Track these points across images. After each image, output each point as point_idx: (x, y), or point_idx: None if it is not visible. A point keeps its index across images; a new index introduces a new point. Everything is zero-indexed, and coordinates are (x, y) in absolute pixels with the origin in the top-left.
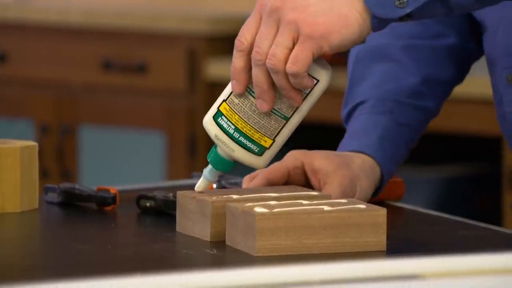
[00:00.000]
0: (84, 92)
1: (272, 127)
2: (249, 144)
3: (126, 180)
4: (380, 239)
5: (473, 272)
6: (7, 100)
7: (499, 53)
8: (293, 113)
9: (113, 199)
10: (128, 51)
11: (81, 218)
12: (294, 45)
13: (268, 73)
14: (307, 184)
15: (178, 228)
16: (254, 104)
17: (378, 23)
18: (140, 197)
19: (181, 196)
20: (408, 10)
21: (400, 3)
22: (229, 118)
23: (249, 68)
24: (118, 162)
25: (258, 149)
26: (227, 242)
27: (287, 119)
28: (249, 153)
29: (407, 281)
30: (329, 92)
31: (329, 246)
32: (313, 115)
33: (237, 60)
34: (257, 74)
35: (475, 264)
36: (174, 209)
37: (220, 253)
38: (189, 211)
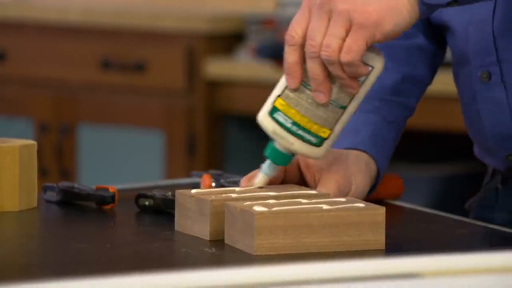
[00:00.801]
0: (83, 91)
1: (330, 117)
2: (308, 136)
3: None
4: (379, 238)
5: (471, 271)
6: (6, 99)
7: (472, 52)
8: (350, 101)
9: (112, 198)
10: (127, 50)
11: (80, 217)
12: (347, 34)
13: (323, 65)
14: (302, 181)
15: (177, 227)
16: (310, 97)
17: (426, 9)
18: (139, 196)
19: (180, 195)
20: None
21: None
22: (285, 113)
23: (302, 62)
24: (117, 161)
25: (317, 140)
26: (226, 241)
27: (344, 108)
28: (308, 145)
29: (406, 280)
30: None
31: (328, 245)
32: None
33: (290, 55)
34: (313, 66)
35: (473, 263)
36: (173, 208)
37: (219, 252)
38: (188, 210)
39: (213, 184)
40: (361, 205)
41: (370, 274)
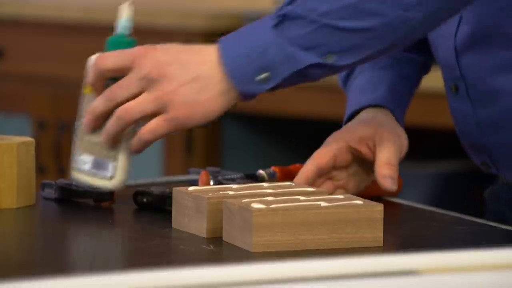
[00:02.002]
0: (82, 88)
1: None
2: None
3: None
4: (377, 235)
5: (469, 268)
6: (4, 95)
7: (441, 65)
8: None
9: (110, 195)
10: None
11: (78, 214)
12: (152, 114)
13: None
14: (356, 160)
15: (174, 224)
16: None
17: (246, 98)
18: (137, 192)
19: (177, 192)
20: (268, 87)
21: (260, 80)
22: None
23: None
24: None
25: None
26: (224, 238)
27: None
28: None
29: (404, 277)
30: (326, 88)
31: (326, 242)
32: (311, 111)
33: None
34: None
35: (471, 260)
36: (171, 205)
37: (217, 249)
38: (185, 207)
39: (211, 181)
40: (359, 202)
41: (368, 271)
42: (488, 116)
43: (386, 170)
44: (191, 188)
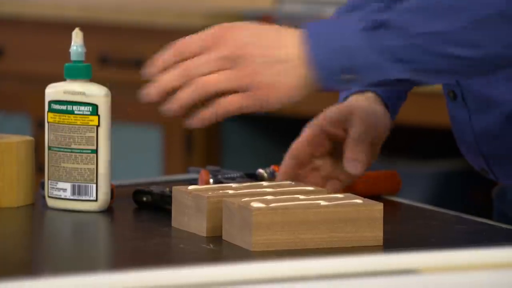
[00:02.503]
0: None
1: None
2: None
3: (122, 175)
4: (377, 234)
5: (469, 267)
6: (4, 95)
7: None
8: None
9: (110, 194)
10: (124, 45)
11: (78, 213)
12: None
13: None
14: (336, 145)
15: (174, 223)
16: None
17: (325, 89)
18: (137, 191)
19: (177, 192)
20: (353, 89)
21: (345, 79)
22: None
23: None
24: (114, 156)
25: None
26: (224, 237)
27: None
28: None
29: (404, 276)
30: None
31: (326, 241)
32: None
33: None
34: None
35: (471, 259)
36: (171, 204)
37: (217, 248)
38: (184, 206)
39: (211, 180)
40: (359, 201)
41: (368, 270)
42: (484, 124)
43: (350, 153)
44: (191, 187)
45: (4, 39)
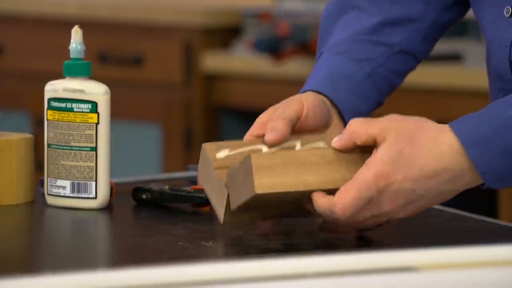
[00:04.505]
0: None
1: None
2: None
3: (122, 173)
4: None
5: (468, 264)
6: (3, 92)
7: (492, 73)
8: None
9: (109, 191)
10: (124, 43)
11: (77, 210)
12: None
13: None
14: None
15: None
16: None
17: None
18: (136, 189)
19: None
20: None
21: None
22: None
23: None
24: (114, 154)
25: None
26: (232, 207)
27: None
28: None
29: (402, 273)
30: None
31: (329, 181)
32: None
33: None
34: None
35: (470, 256)
36: (170, 201)
37: (216, 246)
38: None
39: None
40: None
41: (366, 267)
42: None
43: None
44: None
45: (4, 36)
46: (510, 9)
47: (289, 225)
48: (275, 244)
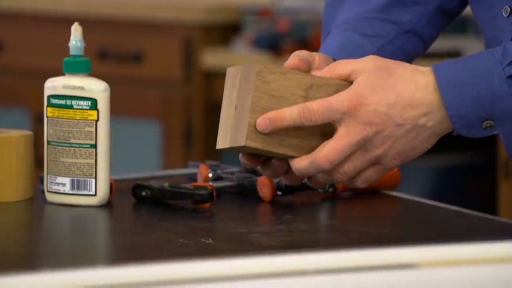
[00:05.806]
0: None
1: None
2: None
3: (122, 170)
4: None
5: (468, 261)
6: (3, 89)
7: None
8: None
9: (109, 188)
10: (124, 40)
11: (77, 207)
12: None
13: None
14: None
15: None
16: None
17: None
18: (136, 186)
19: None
20: (495, 131)
21: (487, 126)
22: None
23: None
24: (113, 151)
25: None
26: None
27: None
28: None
29: (402, 270)
30: None
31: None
32: None
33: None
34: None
35: (470, 253)
36: (170, 198)
37: (216, 242)
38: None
39: (210, 175)
40: None
41: (366, 264)
42: None
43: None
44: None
45: (4, 33)
46: (509, 9)
47: (289, 222)
48: (275, 241)
